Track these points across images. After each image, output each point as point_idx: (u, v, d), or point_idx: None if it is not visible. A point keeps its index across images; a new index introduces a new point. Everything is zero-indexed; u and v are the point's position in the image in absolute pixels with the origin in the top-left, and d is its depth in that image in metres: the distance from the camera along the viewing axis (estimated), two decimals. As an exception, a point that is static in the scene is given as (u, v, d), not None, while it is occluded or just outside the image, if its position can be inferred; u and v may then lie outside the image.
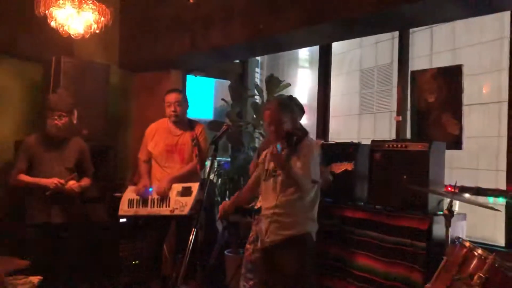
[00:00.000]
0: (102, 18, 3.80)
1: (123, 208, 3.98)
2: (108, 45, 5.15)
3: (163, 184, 3.87)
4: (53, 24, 3.69)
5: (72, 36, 3.81)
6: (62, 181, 3.55)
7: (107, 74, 4.74)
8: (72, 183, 3.62)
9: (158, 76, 5.31)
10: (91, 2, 3.73)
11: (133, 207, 3.94)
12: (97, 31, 3.84)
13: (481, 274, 2.34)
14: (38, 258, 3.44)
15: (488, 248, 2.97)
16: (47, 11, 3.61)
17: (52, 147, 3.67)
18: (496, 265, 2.36)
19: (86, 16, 3.75)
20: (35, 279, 3.11)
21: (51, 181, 3.52)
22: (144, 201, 3.91)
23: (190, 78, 5.55)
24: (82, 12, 3.72)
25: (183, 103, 4.01)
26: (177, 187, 3.85)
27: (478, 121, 4.95)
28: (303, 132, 3.09)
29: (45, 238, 3.56)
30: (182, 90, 4.14)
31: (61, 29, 3.72)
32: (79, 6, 3.67)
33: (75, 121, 3.72)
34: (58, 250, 3.59)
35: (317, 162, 2.96)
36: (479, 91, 5.07)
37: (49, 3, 3.61)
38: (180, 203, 3.76)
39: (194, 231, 2.75)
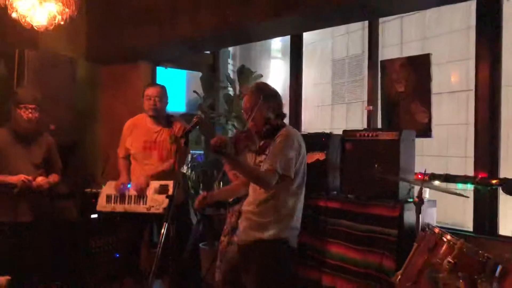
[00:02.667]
0: (67, 10, 3.69)
1: (101, 203, 3.92)
2: (74, 37, 5.01)
3: (141, 181, 3.81)
4: (14, 15, 3.57)
5: (35, 28, 3.69)
6: (30, 177, 3.46)
7: (74, 67, 4.64)
8: (40, 180, 3.54)
9: (126, 69, 5.21)
10: (54, -8, 3.63)
11: (111, 203, 3.89)
12: (62, 23, 3.73)
13: (450, 260, 2.40)
14: (5, 258, 3.36)
15: (457, 233, 3.05)
16: (7, 2, 3.49)
17: (20, 142, 3.57)
18: (464, 250, 2.42)
19: (50, 7, 3.64)
20: (3, 279, 3.02)
21: (18, 178, 3.43)
22: (121, 198, 3.85)
23: (160, 70, 5.45)
24: (45, 3, 3.61)
25: (164, 98, 3.94)
26: (155, 184, 3.79)
27: (448, 109, 5.02)
28: (282, 121, 2.80)
29: (13, 237, 3.47)
30: (164, 85, 4.05)
31: (23, 20, 3.60)
32: (41, -3, 3.57)
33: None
34: (26, 249, 3.50)
35: (293, 155, 2.65)
36: (448, 80, 5.14)
37: (10, -7, 3.49)
38: (157, 201, 3.71)
39: (165, 225, 2.71)
